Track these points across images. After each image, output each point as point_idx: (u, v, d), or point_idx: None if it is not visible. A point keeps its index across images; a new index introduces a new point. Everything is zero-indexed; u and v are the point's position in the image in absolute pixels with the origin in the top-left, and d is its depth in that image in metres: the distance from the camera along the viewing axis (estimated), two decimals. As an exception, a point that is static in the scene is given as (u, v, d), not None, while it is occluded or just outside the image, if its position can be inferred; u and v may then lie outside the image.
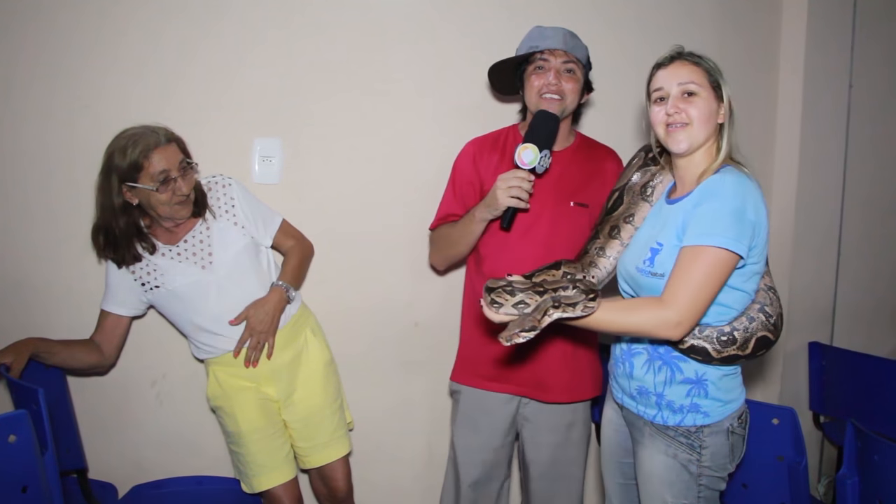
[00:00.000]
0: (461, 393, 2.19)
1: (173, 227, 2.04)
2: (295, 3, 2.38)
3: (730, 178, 1.52)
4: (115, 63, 2.27)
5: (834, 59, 2.99)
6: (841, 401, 2.85)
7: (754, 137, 2.99)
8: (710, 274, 1.46)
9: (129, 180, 1.91)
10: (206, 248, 2.05)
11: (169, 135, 1.96)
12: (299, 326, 2.20)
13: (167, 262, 2.03)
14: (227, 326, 2.06)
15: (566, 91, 2.01)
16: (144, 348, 2.37)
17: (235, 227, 2.09)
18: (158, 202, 1.93)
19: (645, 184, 1.80)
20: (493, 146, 2.16)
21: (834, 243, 3.08)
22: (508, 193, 1.87)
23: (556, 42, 2.00)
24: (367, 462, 2.56)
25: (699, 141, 1.58)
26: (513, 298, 1.48)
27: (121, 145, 1.91)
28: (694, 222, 1.50)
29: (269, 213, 2.20)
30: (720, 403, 1.60)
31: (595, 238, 1.86)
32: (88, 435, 2.28)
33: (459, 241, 2.09)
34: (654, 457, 1.62)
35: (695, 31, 2.77)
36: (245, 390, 2.12)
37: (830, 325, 3.11)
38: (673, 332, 1.47)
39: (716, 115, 1.59)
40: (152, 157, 1.89)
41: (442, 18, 2.50)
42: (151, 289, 2.05)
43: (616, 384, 1.77)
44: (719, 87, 1.59)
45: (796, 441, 1.88)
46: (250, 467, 2.13)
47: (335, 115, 2.44)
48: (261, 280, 2.12)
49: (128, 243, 1.99)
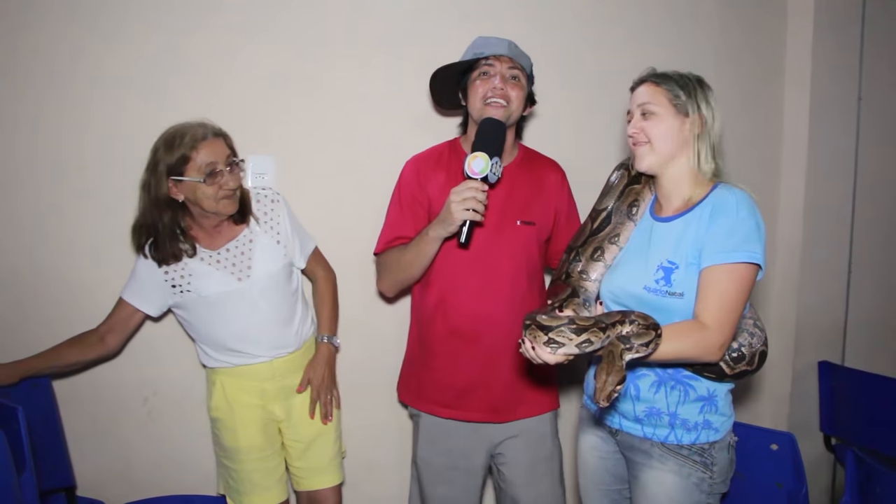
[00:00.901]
0: (420, 417, 2.16)
1: (215, 229, 2.02)
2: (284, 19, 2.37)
3: (740, 195, 1.57)
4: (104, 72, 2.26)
5: (842, 70, 2.94)
6: (853, 423, 2.78)
7: (760, 149, 2.93)
8: (742, 290, 1.51)
9: (176, 174, 1.89)
10: (246, 260, 2.03)
11: (216, 130, 1.96)
12: (311, 351, 2.20)
13: (204, 268, 2.01)
14: (247, 343, 2.04)
15: (512, 97, 2.00)
16: (136, 366, 2.34)
17: (278, 246, 2.09)
18: (204, 195, 1.91)
19: (631, 203, 1.78)
20: (436, 164, 2.11)
21: (844, 258, 3.01)
22: (463, 206, 1.82)
23: (502, 48, 1.99)
24: (360, 482, 2.52)
25: (660, 158, 1.63)
26: (578, 338, 1.41)
27: (168, 139, 1.91)
28: (715, 241, 1.53)
29: (307, 235, 2.21)
30: (726, 418, 1.65)
31: (575, 260, 1.80)
32: (78, 452, 2.25)
33: (412, 263, 2.02)
34: (664, 477, 1.61)
35: (701, 41, 2.74)
36: (251, 407, 2.08)
37: (841, 343, 3.03)
38: (718, 354, 1.51)
39: (680, 131, 1.62)
40: (200, 150, 1.89)
41: (432, 28, 2.48)
42: (182, 292, 2.01)
43: (608, 410, 1.73)
44: (685, 105, 1.62)
45: (796, 468, 1.82)
46: (243, 485, 2.09)
47: (323, 130, 2.41)
48: (288, 302, 2.10)
49: (171, 241, 1.97)
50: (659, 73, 1.68)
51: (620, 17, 2.67)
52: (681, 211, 1.64)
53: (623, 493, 1.79)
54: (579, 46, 2.63)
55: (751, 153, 2.91)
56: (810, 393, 2.90)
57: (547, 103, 2.38)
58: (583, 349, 1.42)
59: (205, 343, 2.10)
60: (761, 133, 2.92)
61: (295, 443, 2.16)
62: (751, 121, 2.91)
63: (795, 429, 2.93)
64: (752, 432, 1.89)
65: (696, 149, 1.62)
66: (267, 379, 2.09)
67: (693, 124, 1.62)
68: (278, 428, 2.15)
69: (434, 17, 2.49)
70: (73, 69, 2.21)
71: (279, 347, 2.09)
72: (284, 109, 2.38)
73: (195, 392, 2.37)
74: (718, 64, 2.79)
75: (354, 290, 2.44)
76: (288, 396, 2.13)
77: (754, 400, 2.97)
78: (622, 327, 1.44)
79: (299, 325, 2.14)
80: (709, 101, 1.63)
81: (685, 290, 1.55)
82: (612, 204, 1.79)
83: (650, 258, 1.63)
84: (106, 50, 2.23)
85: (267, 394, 2.10)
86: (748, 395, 2.97)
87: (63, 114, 2.21)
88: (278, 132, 2.39)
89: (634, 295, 1.63)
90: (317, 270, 2.26)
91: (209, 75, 2.31)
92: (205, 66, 2.31)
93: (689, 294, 1.54)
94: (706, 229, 1.55)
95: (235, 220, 2.04)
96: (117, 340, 2.11)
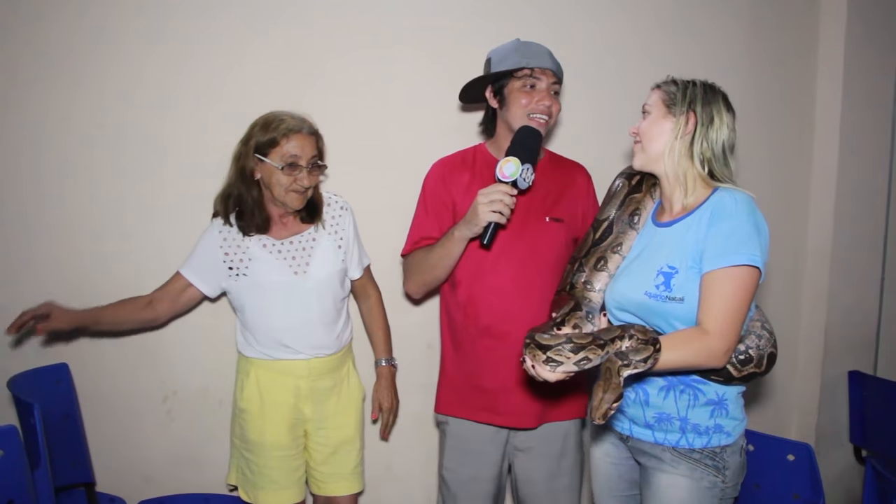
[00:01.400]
0: (448, 424, 2.13)
1: (283, 220, 2.09)
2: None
3: (739, 198, 1.55)
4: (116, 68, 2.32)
5: (877, 66, 2.84)
6: (885, 434, 2.68)
7: (790, 151, 2.86)
8: (744, 294, 1.49)
9: (261, 153, 1.98)
10: (307, 256, 2.09)
11: (313, 129, 2.04)
12: (346, 357, 2.22)
13: (265, 255, 2.06)
14: (291, 338, 2.07)
15: (553, 112, 2.01)
16: (157, 365, 2.39)
17: (339, 251, 2.14)
18: (278, 182, 1.98)
19: (632, 211, 1.77)
20: (461, 165, 2.11)
21: (878, 264, 2.91)
22: (490, 208, 1.81)
23: (545, 61, 1.99)
24: (379, 484, 2.52)
25: (648, 156, 1.64)
26: (575, 356, 1.41)
27: (267, 119, 2.00)
28: (714, 245, 1.51)
29: (364, 251, 2.27)
30: (737, 421, 1.62)
31: (579, 271, 1.79)
32: (99, 448, 2.31)
33: (438, 264, 2.01)
34: (677, 481, 1.60)
35: (730, 38, 2.70)
36: (282, 405, 2.09)
37: (874, 353, 2.93)
38: (721, 360, 1.49)
39: (671, 130, 1.61)
40: (290, 139, 1.97)
41: (443, 27, 2.48)
42: (237, 275, 2.06)
43: (619, 416, 1.71)
44: (675, 104, 1.61)
45: (813, 479, 1.77)
46: (260, 479, 2.10)
47: (340, 128, 2.40)
48: (336, 306, 2.14)
49: (258, 212, 2.04)
50: (670, 79, 1.68)
51: (644, 17, 2.63)
52: (681, 215, 1.63)
53: (637, 499, 1.76)
54: (595, 46, 2.61)
55: (780, 155, 2.84)
56: (840, 403, 2.81)
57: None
58: (581, 367, 1.41)
59: (251, 330, 2.11)
60: (792, 134, 2.84)
61: (321, 447, 2.16)
62: (780, 123, 2.84)
63: (823, 439, 2.86)
64: (770, 442, 1.83)
65: (678, 149, 1.61)
66: (302, 377, 2.10)
67: (683, 123, 1.60)
68: (305, 430, 2.16)
69: (466, 16, 2.50)
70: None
71: (319, 347, 2.11)
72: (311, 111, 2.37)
73: (214, 393, 2.42)
74: (745, 58, 2.75)
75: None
76: (320, 399, 2.13)
77: (781, 409, 2.89)
78: (621, 342, 1.44)
79: (341, 331, 2.17)
80: (709, 104, 1.61)
81: (685, 295, 1.53)
82: (613, 213, 1.78)
83: (651, 264, 1.62)
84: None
85: (300, 392, 2.11)
86: (773, 403, 2.89)
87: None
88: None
89: (636, 301, 1.62)
90: (369, 289, 2.30)
91: (226, 80, 2.35)
92: (219, 68, 2.35)
93: (690, 298, 1.53)
94: (705, 233, 1.53)
95: (303, 219, 2.10)
96: (165, 309, 2.13)
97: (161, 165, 2.34)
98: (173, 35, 2.32)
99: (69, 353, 2.30)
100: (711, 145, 1.59)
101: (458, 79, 2.13)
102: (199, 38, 2.34)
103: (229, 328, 2.27)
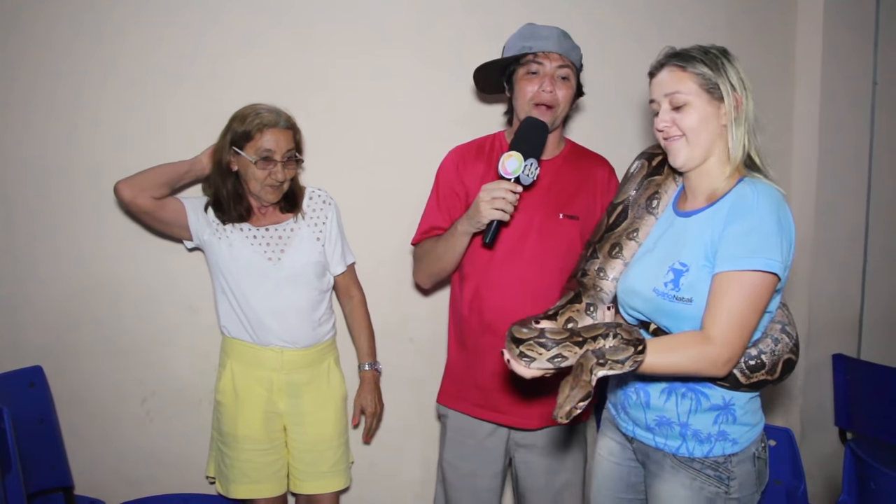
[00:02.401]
0: (448, 417, 2.10)
1: (262, 210, 2.10)
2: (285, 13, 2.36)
3: (762, 191, 1.42)
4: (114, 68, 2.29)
5: (854, 55, 2.83)
6: (869, 417, 2.69)
7: (771, 138, 2.84)
8: (755, 302, 1.37)
9: (237, 146, 2.00)
10: (282, 244, 2.09)
11: (290, 123, 2.04)
12: (326, 354, 2.20)
13: (241, 239, 2.07)
14: (262, 323, 2.07)
15: (560, 99, 1.89)
16: (134, 366, 2.36)
17: (316, 243, 2.14)
18: (253, 176, 2.00)
19: (651, 195, 1.64)
20: (477, 154, 2.04)
21: (859, 249, 2.91)
22: (492, 205, 1.73)
23: (551, 44, 1.88)
24: (364, 481, 2.49)
25: (698, 152, 1.48)
26: (547, 352, 1.33)
27: (244, 112, 2.01)
28: (729, 244, 1.39)
29: (349, 249, 2.26)
30: (747, 428, 1.50)
31: (593, 257, 1.68)
32: (78, 451, 2.28)
33: (443, 256, 1.96)
34: (677, 491, 1.50)
35: (707, 27, 2.67)
36: (256, 397, 2.09)
37: (857, 336, 2.93)
38: (722, 370, 1.37)
39: (716, 118, 1.47)
40: (265, 133, 1.98)
41: (434, 21, 2.45)
42: (219, 238, 2.07)
43: (624, 415, 1.63)
44: (717, 88, 1.46)
45: (794, 464, 1.76)
46: (233, 471, 2.10)
47: (320, 124, 2.38)
48: (312, 298, 2.13)
49: (235, 203, 2.05)
50: (680, 53, 1.50)
51: (619, 9, 2.60)
52: (703, 206, 1.50)
53: (638, 503, 1.68)
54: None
55: (760, 142, 2.82)
56: (825, 386, 2.81)
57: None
58: (556, 364, 1.33)
59: (227, 303, 2.10)
60: (771, 122, 2.82)
61: (297, 443, 2.15)
62: (759, 111, 2.82)
63: (809, 423, 2.86)
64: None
65: (734, 135, 1.46)
66: (275, 369, 2.09)
67: (729, 107, 1.46)
68: (283, 426, 2.15)
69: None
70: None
71: (293, 338, 2.10)
72: (319, 102, 2.39)
73: (193, 392, 2.39)
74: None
75: (385, 288, 2.47)
76: (295, 393, 2.12)
77: (766, 394, 2.87)
78: (604, 341, 1.35)
79: (318, 325, 2.15)
80: (741, 76, 1.47)
81: (694, 296, 1.42)
82: (629, 196, 1.66)
83: (664, 257, 1.50)
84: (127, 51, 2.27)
85: (273, 385, 2.10)
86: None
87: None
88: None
89: (643, 296, 1.52)
90: (352, 289, 2.28)
91: (234, 72, 2.34)
92: (226, 62, 2.33)
93: (700, 300, 1.41)
94: (722, 230, 1.40)
95: (283, 209, 2.11)
96: (148, 196, 2.00)
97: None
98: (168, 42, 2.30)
99: (43, 356, 2.25)
100: (751, 123, 1.47)
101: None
102: (199, 40, 2.32)
103: (206, 328, 2.26)
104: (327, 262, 2.18)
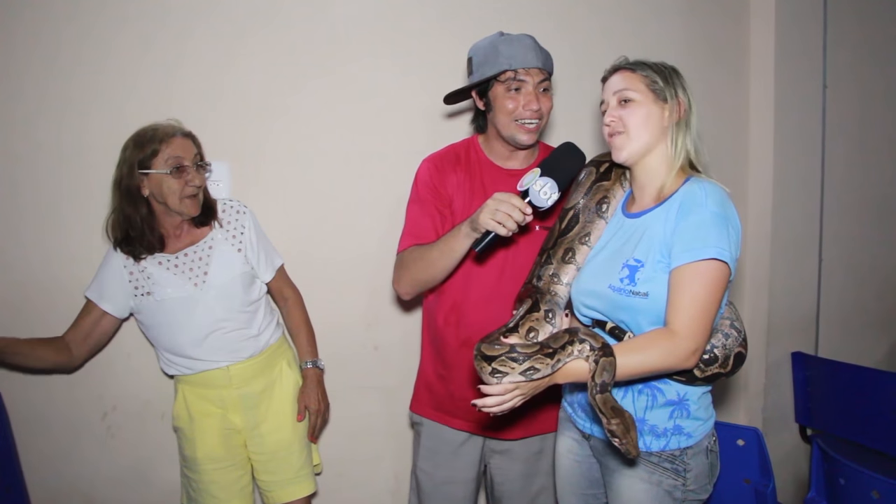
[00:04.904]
0: (423, 425, 2.09)
1: (177, 231, 2.05)
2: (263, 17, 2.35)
3: (709, 189, 1.49)
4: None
5: (805, 59, 2.92)
6: (829, 413, 2.76)
7: (726, 139, 2.91)
8: (713, 290, 1.42)
9: (144, 167, 1.94)
10: (203, 265, 2.04)
11: (185, 131, 2.02)
12: (276, 358, 2.17)
13: (161, 272, 2.01)
14: (202, 350, 2.03)
15: (544, 111, 1.89)
16: (93, 380, 2.29)
17: (238, 255, 2.09)
18: (170, 190, 1.95)
19: (600, 200, 1.69)
20: (455, 162, 2.00)
21: (814, 248, 2.99)
22: (492, 216, 1.64)
23: (531, 58, 1.85)
24: (331, 491, 2.47)
25: (638, 147, 1.56)
26: (520, 366, 1.35)
27: (138, 136, 1.98)
28: (682, 238, 1.45)
29: (273, 251, 2.22)
30: (700, 422, 1.55)
31: (547, 263, 1.70)
32: (36, 471, 2.20)
33: (437, 260, 1.85)
34: (635, 485, 1.55)
35: (662, 34, 2.71)
36: (210, 416, 2.07)
37: (815, 333, 3.01)
38: (691, 361, 1.42)
39: (660, 118, 1.55)
40: (169, 143, 1.95)
41: (409, 29, 2.46)
42: (142, 294, 2.01)
43: (581, 413, 1.68)
44: (663, 90, 1.55)
45: (762, 463, 1.79)
46: (202, 496, 2.07)
47: (290, 135, 2.37)
48: (245, 311, 2.09)
49: (145, 234, 1.99)
50: (634, 61, 1.60)
51: (576, 17, 2.63)
52: (651, 206, 1.56)
53: (599, 498, 1.73)
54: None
55: (717, 146, 2.88)
56: (784, 384, 2.88)
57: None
58: (529, 377, 1.36)
59: (164, 349, 2.08)
60: (727, 125, 2.89)
61: (258, 455, 2.12)
62: (716, 114, 2.88)
63: (770, 421, 2.92)
64: (719, 428, 1.84)
65: (674, 137, 1.54)
66: (224, 386, 2.06)
67: (672, 111, 1.54)
68: (243, 441, 2.12)
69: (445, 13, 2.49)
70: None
71: (236, 352, 2.07)
72: (279, 114, 2.38)
73: (155, 406, 2.34)
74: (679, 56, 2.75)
75: (360, 296, 2.46)
76: (251, 405, 2.09)
77: (728, 392, 2.94)
78: (571, 348, 1.39)
79: (259, 332, 2.12)
80: (687, 92, 1.56)
81: (650, 290, 1.47)
82: (579, 202, 1.69)
83: (617, 256, 1.57)
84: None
85: (226, 402, 2.07)
86: (721, 387, 2.94)
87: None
88: (240, 139, 2.36)
89: (599, 294, 1.57)
90: (285, 290, 2.25)
91: (209, 78, 2.32)
92: (204, 68, 2.31)
93: (655, 294, 1.47)
94: (674, 227, 1.47)
95: (197, 223, 2.05)
96: (80, 351, 2.07)
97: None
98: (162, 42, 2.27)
99: (-3, 371, 2.18)
100: (694, 132, 1.55)
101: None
102: (192, 42, 2.29)
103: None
104: (254, 271, 2.14)
